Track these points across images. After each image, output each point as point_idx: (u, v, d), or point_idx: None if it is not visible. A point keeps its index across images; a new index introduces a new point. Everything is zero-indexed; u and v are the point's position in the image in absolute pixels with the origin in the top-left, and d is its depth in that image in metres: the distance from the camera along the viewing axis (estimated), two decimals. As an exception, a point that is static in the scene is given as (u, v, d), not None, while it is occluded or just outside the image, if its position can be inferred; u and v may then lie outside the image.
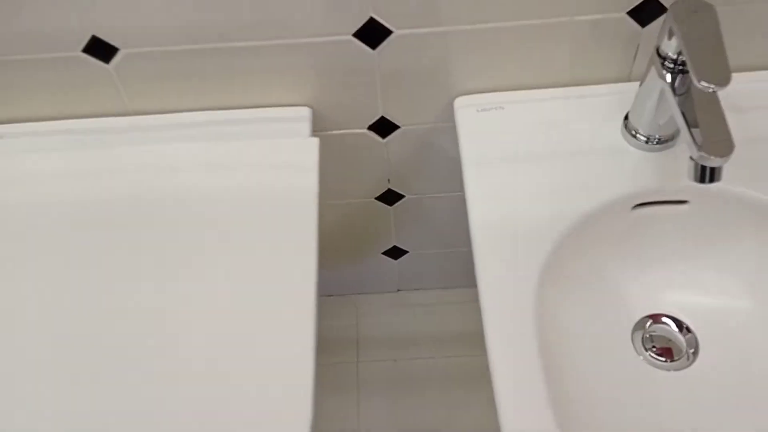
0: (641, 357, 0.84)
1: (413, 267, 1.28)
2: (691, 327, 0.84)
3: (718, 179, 0.69)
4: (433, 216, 1.15)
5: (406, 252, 1.25)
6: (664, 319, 0.86)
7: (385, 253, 1.24)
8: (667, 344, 0.86)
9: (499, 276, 0.77)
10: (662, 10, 0.83)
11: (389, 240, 1.21)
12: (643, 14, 0.83)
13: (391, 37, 0.85)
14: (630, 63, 0.89)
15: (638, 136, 0.84)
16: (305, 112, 0.92)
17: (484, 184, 0.83)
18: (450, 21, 0.83)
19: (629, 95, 0.89)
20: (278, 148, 0.87)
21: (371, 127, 0.98)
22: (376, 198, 1.11)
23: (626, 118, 0.86)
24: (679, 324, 0.85)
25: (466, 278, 1.34)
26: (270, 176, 0.83)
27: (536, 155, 0.85)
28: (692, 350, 0.84)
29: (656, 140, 0.84)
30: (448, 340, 1.29)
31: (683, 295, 0.86)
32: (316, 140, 0.86)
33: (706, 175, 0.69)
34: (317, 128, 0.96)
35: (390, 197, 1.11)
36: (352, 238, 1.19)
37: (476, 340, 1.34)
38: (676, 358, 0.85)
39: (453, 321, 1.32)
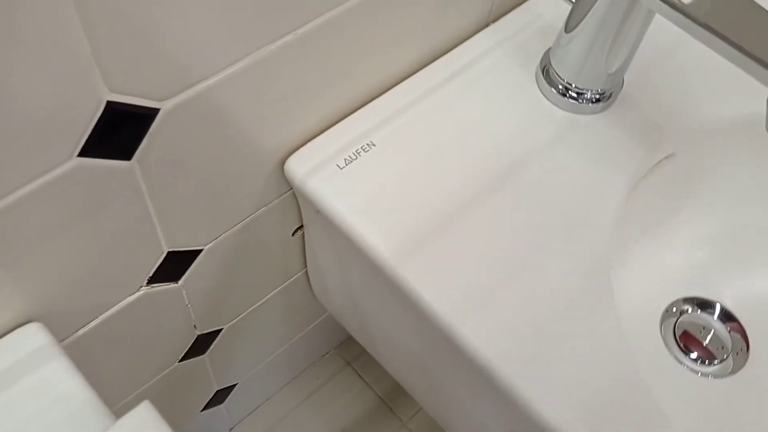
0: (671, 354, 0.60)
1: (243, 395, 0.86)
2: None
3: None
4: (261, 327, 0.74)
5: (233, 387, 0.81)
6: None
7: (208, 404, 0.79)
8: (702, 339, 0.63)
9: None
10: None
11: (210, 389, 0.77)
12: None
13: (158, 120, 0.40)
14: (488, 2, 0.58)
15: (572, 92, 0.55)
16: (36, 336, 0.43)
17: (431, 276, 0.47)
18: (235, 54, 0.42)
19: (509, 46, 0.59)
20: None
21: (154, 278, 0.52)
22: (181, 360, 0.65)
23: (545, 72, 0.56)
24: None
25: (305, 360, 0.96)
26: None
27: (471, 198, 0.51)
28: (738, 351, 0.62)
29: (597, 96, 0.55)
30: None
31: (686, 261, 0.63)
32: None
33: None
34: (67, 330, 0.48)
35: (201, 345, 0.66)
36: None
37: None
38: (717, 360, 0.63)
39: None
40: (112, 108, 0.37)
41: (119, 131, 0.39)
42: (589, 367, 0.45)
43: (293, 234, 0.63)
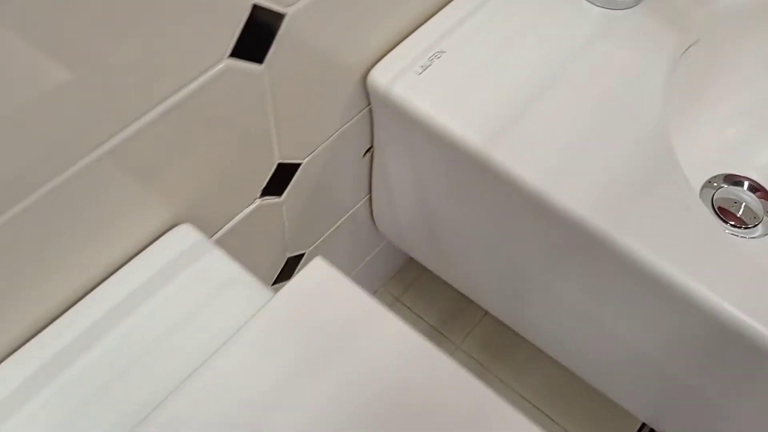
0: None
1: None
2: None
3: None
4: (331, 256, 0.80)
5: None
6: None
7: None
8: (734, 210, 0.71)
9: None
10: None
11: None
12: None
13: (284, 24, 0.46)
14: None
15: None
16: (188, 236, 0.48)
17: (518, 154, 0.54)
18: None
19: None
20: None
21: (265, 191, 0.58)
22: (272, 284, 0.71)
23: (582, -19, 0.63)
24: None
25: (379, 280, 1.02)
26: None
27: (537, 88, 0.58)
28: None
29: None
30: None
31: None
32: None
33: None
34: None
35: (289, 270, 0.72)
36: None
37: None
38: (751, 225, 0.70)
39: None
40: (255, 11, 0.43)
41: (258, 34, 0.45)
42: (669, 213, 0.52)
43: (364, 155, 0.69)
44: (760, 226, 0.70)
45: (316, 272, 0.42)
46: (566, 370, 0.72)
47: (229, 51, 0.43)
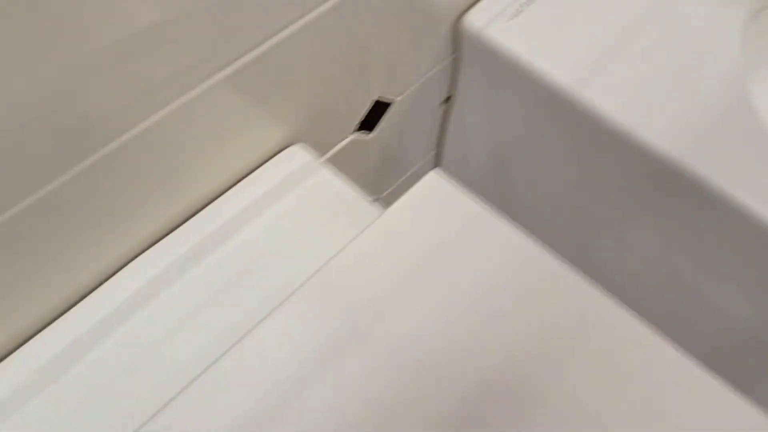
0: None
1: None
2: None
3: None
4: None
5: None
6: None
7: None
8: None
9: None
10: None
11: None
12: None
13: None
14: None
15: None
16: (303, 153, 0.51)
17: (609, 93, 0.56)
18: None
19: None
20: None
21: (361, 125, 0.60)
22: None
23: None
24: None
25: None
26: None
27: (621, 36, 0.60)
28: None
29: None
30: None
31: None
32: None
33: None
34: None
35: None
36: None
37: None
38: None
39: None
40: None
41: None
42: (753, 156, 0.55)
43: (443, 103, 0.72)
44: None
45: (431, 184, 0.45)
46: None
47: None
